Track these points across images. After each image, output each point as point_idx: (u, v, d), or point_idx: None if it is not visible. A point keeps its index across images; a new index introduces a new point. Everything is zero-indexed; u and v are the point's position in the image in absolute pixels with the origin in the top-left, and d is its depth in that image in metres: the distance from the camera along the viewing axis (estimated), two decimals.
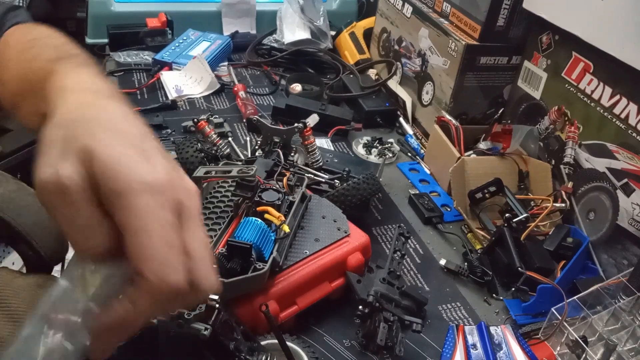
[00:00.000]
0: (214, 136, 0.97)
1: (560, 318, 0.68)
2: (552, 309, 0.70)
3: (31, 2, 1.57)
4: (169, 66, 1.25)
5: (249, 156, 0.99)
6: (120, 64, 1.29)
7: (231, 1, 1.46)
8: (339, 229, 0.74)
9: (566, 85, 0.91)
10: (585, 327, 0.70)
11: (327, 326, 0.70)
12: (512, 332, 0.72)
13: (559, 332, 0.68)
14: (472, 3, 1.02)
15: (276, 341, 0.58)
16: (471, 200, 0.92)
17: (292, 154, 0.93)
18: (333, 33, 1.46)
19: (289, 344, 0.60)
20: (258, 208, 0.69)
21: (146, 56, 1.32)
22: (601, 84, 0.84)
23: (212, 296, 0.52)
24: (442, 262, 0.82)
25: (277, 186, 0.73)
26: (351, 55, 1.41)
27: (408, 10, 1.21)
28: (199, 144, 0.89)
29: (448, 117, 1.03)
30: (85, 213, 0.33)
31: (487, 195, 0.91)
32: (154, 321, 0.52)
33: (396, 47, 1.28)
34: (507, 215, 0.86)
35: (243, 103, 1.17)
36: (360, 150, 1.10)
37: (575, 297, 0.71)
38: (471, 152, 0.98)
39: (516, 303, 0.77)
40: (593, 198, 0.86)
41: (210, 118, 1.03)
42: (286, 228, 0.67)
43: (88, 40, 1.38)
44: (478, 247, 0.88)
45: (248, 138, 1.08)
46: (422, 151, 1.11)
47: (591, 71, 0.86)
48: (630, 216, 0.80)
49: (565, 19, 0.89)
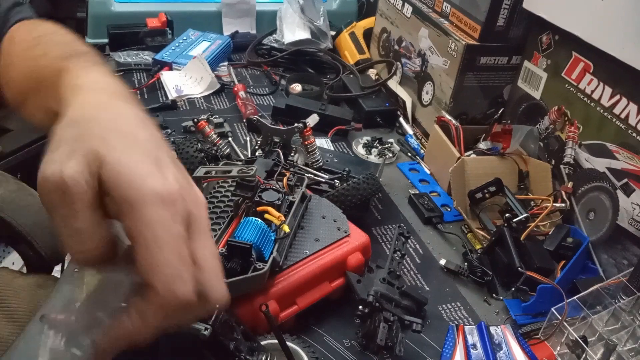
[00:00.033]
0: (214, 136, 0.97)
1: (560, 318, 0.68)
2: (552, 309, 0.70)
3: (31, 2, 1.56)
4: (169, 66, 1.25)
5: (249, 156, 0.99)
6: (120, 64, 1.29)
7: (231, 1, 1.46)
8: (339, 229, 0.74)
9: (566, 85, 0.91)
10: (585, 327, 0.70)
11: (327, 326, 0.70)
12: (512, 332, 0.72)
13: (559, 332, 0.68)
14: (472, 3, 1.02)
15: (276, 341, 0.58)
16: (471, 200, 0.92)
17: (292, 154, 0.93)
18: (333, 33, 1.46)
19: (289, 344, 0.60)
20: (258, 208, 0.69)
21: (146, 56, 1.32)
22: (601, 84, 0.84)
23: None
24: (442, 262, 0.82)
25: (277, 186, 0.73)
26: (351, 55, 1.41)
27: (408, 10, 1.21)
28: (199, 144, 0.88)
29: (448, 117, 1.03)
30: (82, 216, 0.33)
31: (487, 195, 0.91)
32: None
33: (396, 47, 1.28)
34: (507, 215, 0.86)
35: (243, 103, 1.17)
36: (360, 150, 1.10)
37: (575, 297, 0.71)
38: (471, 152, 0.98)
39: (516, 303, 0.77)
40: (593, 198, 0.86)
41: (210, 118, 1.03)
42: (286, 228, 0.67)
43: (88, 40, 1.38)
44: (478, 247, 0.88)
45: (248, 138, 1.08)
46: (422, 151, 1.11)
47: (591, 71, 0.86)
48: (630, 216, 0.80)
49: (565, 19, 0.89)
